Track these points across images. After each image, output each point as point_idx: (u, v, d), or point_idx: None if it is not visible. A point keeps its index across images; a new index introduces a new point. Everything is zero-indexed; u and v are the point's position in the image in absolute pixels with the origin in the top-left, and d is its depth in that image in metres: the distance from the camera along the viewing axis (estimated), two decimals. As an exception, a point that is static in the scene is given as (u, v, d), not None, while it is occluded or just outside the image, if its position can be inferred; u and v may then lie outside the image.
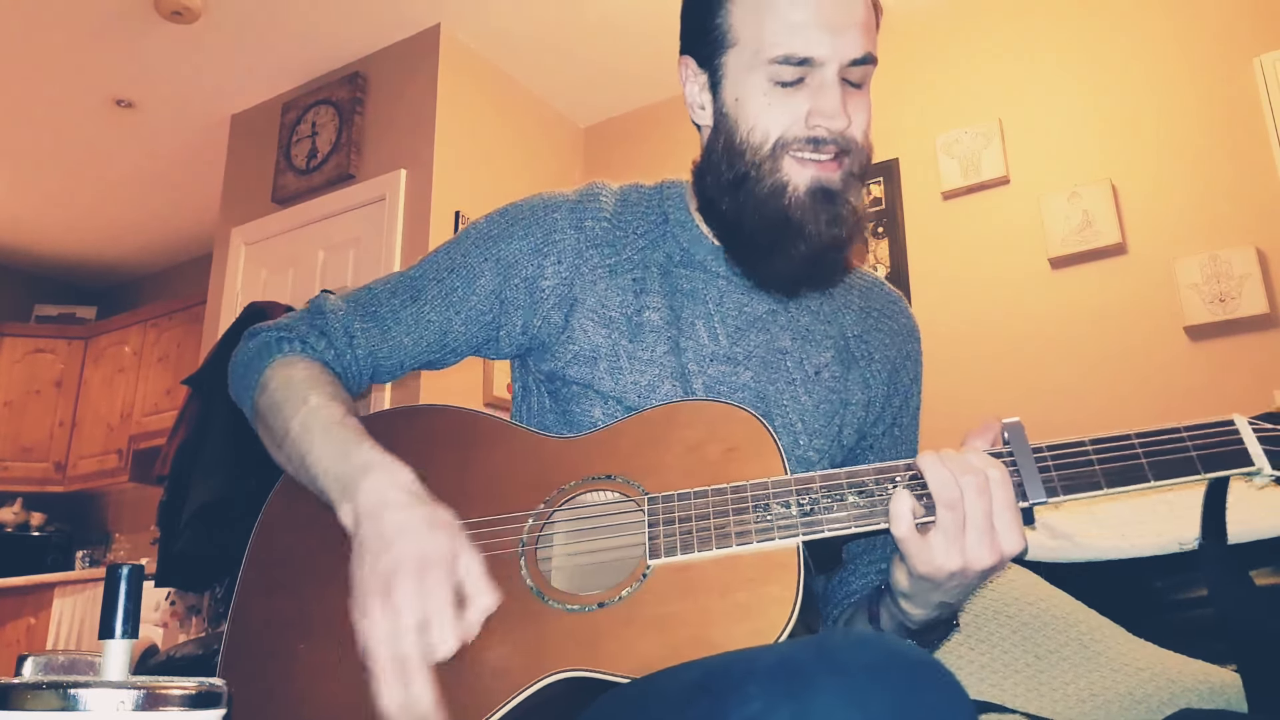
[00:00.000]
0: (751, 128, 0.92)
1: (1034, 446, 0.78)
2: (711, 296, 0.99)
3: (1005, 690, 1.28)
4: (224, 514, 2.48)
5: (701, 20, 0.97)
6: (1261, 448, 0.75)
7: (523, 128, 3.88)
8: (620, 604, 0.78)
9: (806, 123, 0.90)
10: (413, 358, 1.02)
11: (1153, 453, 0.76)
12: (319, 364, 0.98)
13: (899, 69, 3.45)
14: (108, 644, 0.54)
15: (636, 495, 0.83)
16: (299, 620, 0.88)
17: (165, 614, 3.43)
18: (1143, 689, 1.22)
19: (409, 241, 3.35)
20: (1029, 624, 1.34)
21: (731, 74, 0.94)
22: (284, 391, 0.94)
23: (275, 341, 0.99)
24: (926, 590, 0.78)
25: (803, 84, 0.91)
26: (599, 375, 0.95)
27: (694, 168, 1.01)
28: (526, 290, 0.99)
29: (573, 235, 1.00)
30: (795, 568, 0.75)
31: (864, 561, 1.03)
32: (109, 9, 3.40)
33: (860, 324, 1.05)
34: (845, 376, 1.01)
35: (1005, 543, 0.74)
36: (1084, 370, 2.86)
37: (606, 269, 0.99)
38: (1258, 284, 2.68)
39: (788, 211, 0.91)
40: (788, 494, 0.79)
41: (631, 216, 1.03)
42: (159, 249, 5.59)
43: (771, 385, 0.97)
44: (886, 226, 3.32)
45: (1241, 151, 2.80)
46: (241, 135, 4.08)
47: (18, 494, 5.11)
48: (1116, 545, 1.47)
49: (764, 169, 0.92)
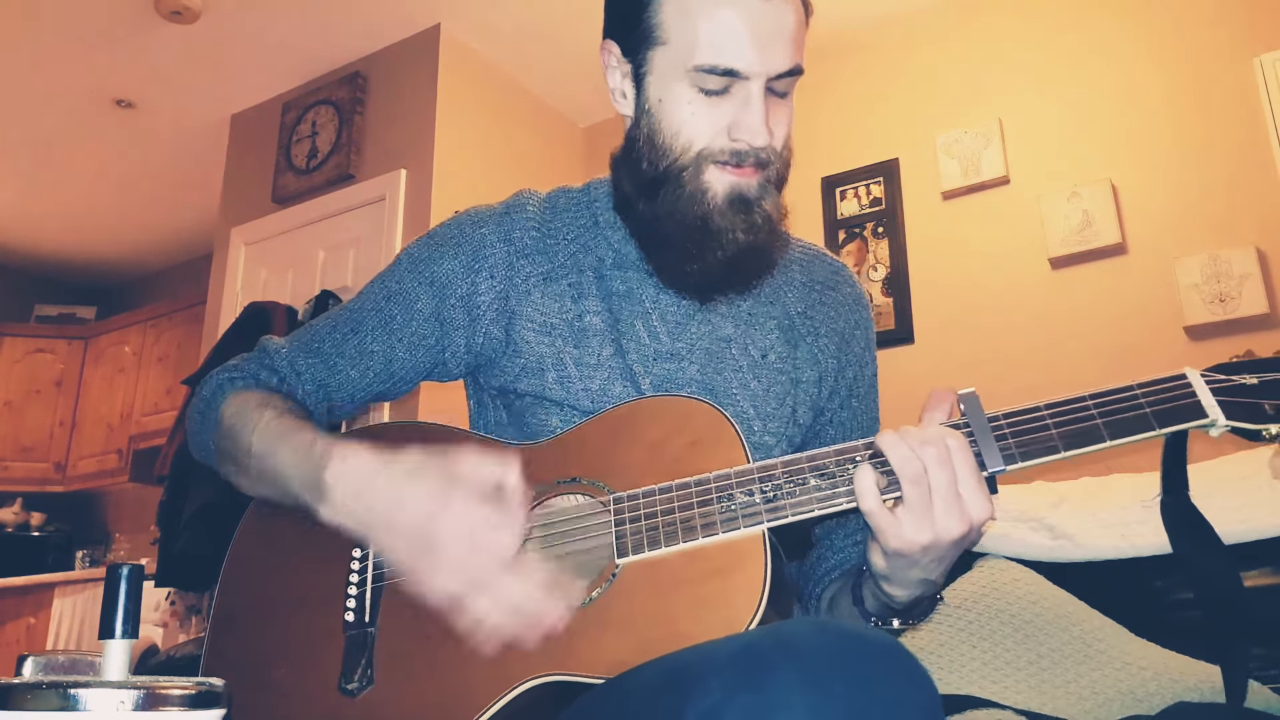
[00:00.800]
0: (675, 133, 0.91)
1: (990, 415, 0.78)
2: (647, 295, 0.99)
3: (1007, 689, 1.28)
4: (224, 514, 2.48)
5: (629, 10, 0.95)
6: (1215, 399, 0.75)
7: (523, 128, 3.88)
8: (591, 605, 0.78)
9: (729, 134, 0.90)
10: (363, 389, 1.01)
11: (1107, 412, 0.76)
12: (271, 391, 0.98)
13: (899, 69, 3.45)
14: (108, 644, 0.54)
15: (602, 496, 0.84)
16: (276, 646, 0.88)
17: (165, 614, 3.43)
18: (1144, 688, 1.22)
19: (409, 241, 3.34)
20: (1030, 623, 1.34)
21: (657, 73, 0.93)
22: (239, 416, 0.94)
23: (226, 382, 0.99)
24: (903, 567, 0.78)
25: (727, 94, 0.89)
26: (549, 385, 0.95)
27: (612, 157, 1.01)
28: (464, 309, 0.98)
29: (502, 248, 0.99)
30: (761, 555, 0.75)
31: (838, 537, 1.03)
32: (109, 9, 3.40)
33: (803, 300, 1.05)
34: (793, 356, 1.01)
35: (973, 510, 0.74)
36: (1084, 370, 2.86)
37: (540, 277, 0.99)
38: (1258, 284, 2.68)
39: (706, 219, 0.91)
40: (750, 482, 0.79)
41: (560, 223, 1.02)
42: (159, 249, 5.58)
43: (719, 375, 0.97)
44: (886, 226, 3.32)
45: (1241, 151, 2.80)
46: (241, 135, 4.08)
47: (18, 494, 5.11)
48: (1117, 545, 1.47)
49: (685, 175, 0.91)
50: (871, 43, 3.50)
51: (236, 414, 0.94)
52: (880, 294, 3.26)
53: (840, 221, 3.40)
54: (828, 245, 3.40)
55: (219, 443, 0.96)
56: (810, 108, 3.54)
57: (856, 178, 3.40)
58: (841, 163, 3.45)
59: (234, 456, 0.93)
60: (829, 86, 3.55)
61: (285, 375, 1.00)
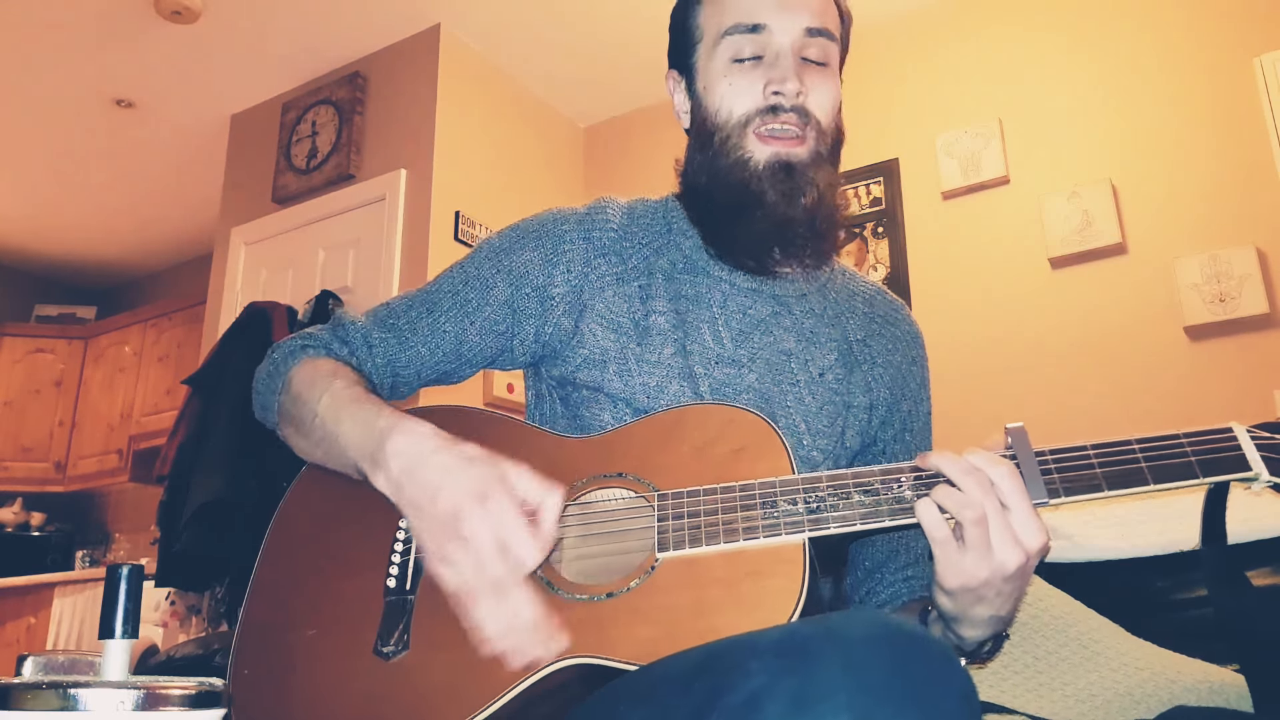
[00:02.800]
0: (718, 108, 0.98)
1: (1037, 451, 0.79)
2: (715, 300, 1.01)
3: (1005, 690, 1.28)
4: (224, 514, 2.49)
5: (676, 27, 1.05)
6: (1259, 454, 0.76)
7: (523, 128, 3.88)
8: (628, 594, 0.79)
9: (764, 93, 0.95)
10: (430, 367, 1.04)
11: (1153, 457, 0.77)
12: (342, 362, 1.00)
13: (899, 69, 3.45)
14: (108, 644, 0.54)
15: (646, 492, 0.85)
16: (316, 607, 0.89)
17: (165, 614, 3.43)
18: (1143, 689, 1.22)
19: (409, 241, 3.35)
20: (1029, 624, 1.34)
21: (700, 66, 1.01)
22: (309, 383, 0.96)
23: (300, 348, 1.02)
24: (969, 604, 0.78)
25: (760, 61, 0.96)
26: (608, 378, 0.97)
27: (678, 170, 1.06)
28: (538, 299, 1.01)
29: (581, 246, 1.02)
30: (801, 562, 0.76)
31: (889, 570, 1.03)
32: (109, 9, 3.40)
33: (864, 328, 1.07)
34: (848, 379, 1.03)
35: (1027, 538, 0.74)
36: (1084, 370, 2.86)
37: (614, 277, 1.02)
38: (1258, 284, 2.68)
39: (746, 183, 0.96)
40: (795, 492, 0.80)
41: (637, 228, 1.06)
42: (159, 249, 5.59)
43: (776, 387, 0.99)
44: (886, 226, 3.32)
45: (1241, 151, 2.80)
46: (241, 135, 4.08)
47: (18, 494, 5.11)
48: (1116, 545, 1.47)
49: (730, 144, 0.97)
50: (871, 43, 3.50)
51: (307, 379, 0.97)
52: (880, 294, 3.26)
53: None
54: (828, 245, 3.40)
55: (284, 404, 0.99)
56: (810, 108, 3.56)
57: (856, 178, 3.40)
58: (841, 162, 3.44)
59: (298, 418, 0.96)
60: (829, 86, 3.55)
61: (357, 348, 1.02)
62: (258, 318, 2.91)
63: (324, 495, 0.97)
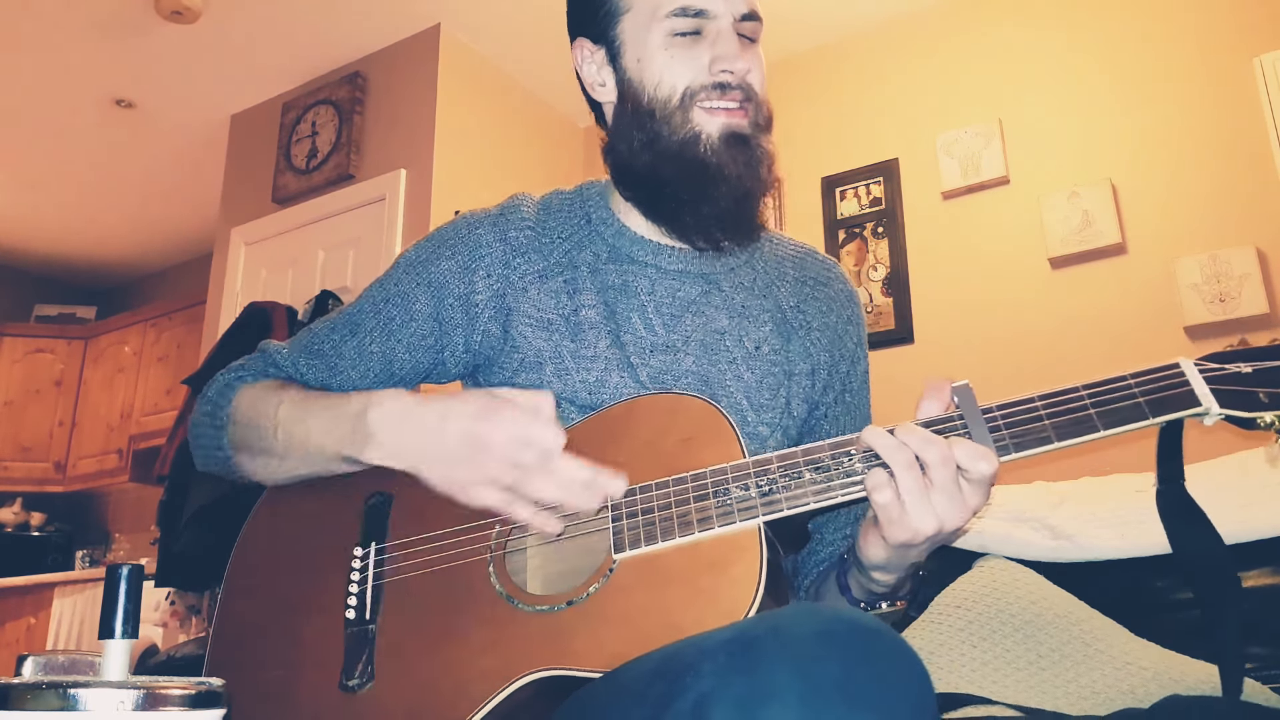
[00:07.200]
0: (658, 83, 0.96)
1: (984, 407, 0.78)
2: (643, 287, 1.00)
3: (1007, 689, 1.28)
4: (224, 514, 2.48)
5: (589, 1, 1.02)
6: (1208, 387, 0.75)
7: (523, 128, 3.88)
8: (588, 600, 0.78)
9: (710, 70, 0.95)
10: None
11: (1100, 402, 0.76)
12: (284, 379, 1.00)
13: (899, 69, 3.44)
14: (108, 644, 0.54)
15: None
16: (279, 647, 0.88)
17: (165, 614, 3.43)
18: (1144, 688, 1.22)
19: (409, 241, 3.32)
20: (1030, 623, 1.34)
21: (629, 38, 0.98)
22: (257, 402, 0.96)
23: (235, 380, 1.01)
24: (902, 555, 0.80)
25: (700, 36, 0.96)
26: (546, 378, 0.97)
27: (603, 147, 1.05)
28: (462, 308, 1.00)
29: (498, 247, 1.01)
30: (757, 548, 0.76)
31: (829, 530, 1.04)
32: (109, 9, 3.40)
33: (796, 294, 1.07)
34: (786, 348, 1.03)
35: (972, 498, 0.75)
36: (1084, 370, 2.83)
37: (536, 274, 1.01)
38: (1258, 284, 2.68)
39: (703, 158, 0.94)
40: (746, 477, 0.79)
41: (554, 222, 1.05)
42: (159, 249, 5.58)
43: (713, 367, 0.98)
44: (886, 226, 3.31)
45: (1241, 151, 2.80)
46: (241, 135, 4.08)
47: (18, 494, 5.11)
48: (1117, 545, 1.47)
49: (675, 121, 0.95)
50: (871, 43, 3.50)
51: (252, 400, 0.96)
52: (880, 294, 3.26)
53: (840, 221, 3.40)
54: (827, 245, 3.40)
55: (233, 435, 0.97)
56: (810, 108, 3.55)
57: (856, 177, 3.40)
58: (841, 162, 3.45)
59: (254, 441, 0.95)
60: (829, 87, 3.55)
61: (290, 375, 1.01)
62: (258, 317, 2.90)
63: (277, 531, 0.95)
